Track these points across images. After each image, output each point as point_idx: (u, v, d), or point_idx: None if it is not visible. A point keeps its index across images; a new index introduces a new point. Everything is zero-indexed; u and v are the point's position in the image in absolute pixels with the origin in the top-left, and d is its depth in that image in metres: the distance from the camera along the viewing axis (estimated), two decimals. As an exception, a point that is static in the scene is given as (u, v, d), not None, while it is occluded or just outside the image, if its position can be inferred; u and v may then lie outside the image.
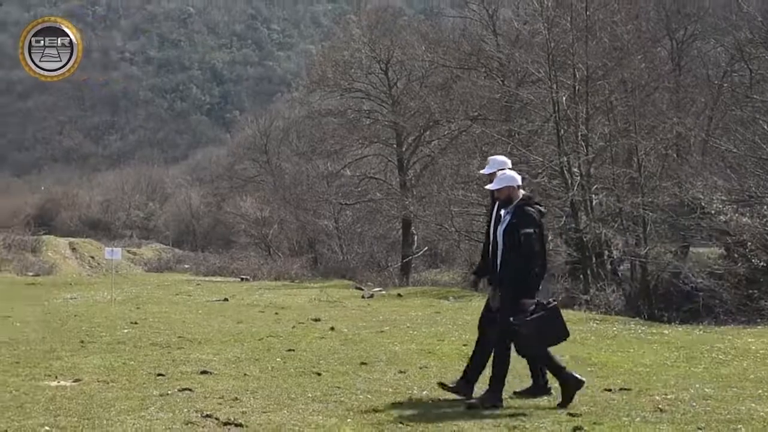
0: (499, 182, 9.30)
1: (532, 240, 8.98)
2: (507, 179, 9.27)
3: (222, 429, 7.93)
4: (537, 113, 34.73)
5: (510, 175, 9.31)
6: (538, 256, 9.15)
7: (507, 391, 9.28)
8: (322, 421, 8.26)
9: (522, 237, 8.95)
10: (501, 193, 9.31)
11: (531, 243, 8.98)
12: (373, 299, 26.92)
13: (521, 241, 8.96)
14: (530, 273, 9.07)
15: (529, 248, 8.98)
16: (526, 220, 9.02)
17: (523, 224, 9.00)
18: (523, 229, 8.97)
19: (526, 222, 9.01)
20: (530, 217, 9.06)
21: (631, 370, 11.54)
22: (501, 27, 41.30)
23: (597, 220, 29.70)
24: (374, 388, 10.10)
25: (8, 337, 15.04)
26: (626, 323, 18.67)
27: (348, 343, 14.47)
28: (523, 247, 8.96)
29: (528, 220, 9.02)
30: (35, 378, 10.72)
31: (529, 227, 8.99)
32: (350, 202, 48.47)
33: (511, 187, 9.26)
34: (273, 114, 71.59)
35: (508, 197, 9.26)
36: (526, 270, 9.05)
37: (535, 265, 9.10)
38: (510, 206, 9.22)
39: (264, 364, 11.83)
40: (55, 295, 28.20)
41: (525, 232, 8.95)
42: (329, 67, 48.75)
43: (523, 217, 9.04)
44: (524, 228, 8.97)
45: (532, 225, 9.02)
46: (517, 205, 9.16)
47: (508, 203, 9.25)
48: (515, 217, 9.09)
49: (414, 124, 45.31)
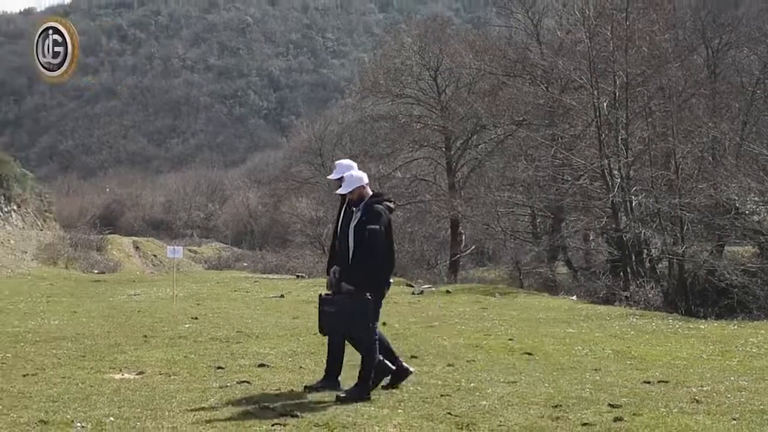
0: (349, 185, 9.33)
1: (378, 235, 9.12)
2: (355, 180, 9.34)
3: (278, 420, 7.91)
4: (579, 118, 34.75)
5: (357, 175, 9.38)
6: (384, 252, 9.25)
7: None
8: (374, 411, 8.26)
9: (368, 233, 9.08)
10: (353, 194, 9.34)
11: (376, 238, 9.10)
12: (423, 296, 26.77)
13: (367, 236, 9.10)
14: (377, 267, 9.16)
15: (374, 243, 9.09)
16: (375, 217, 9.16)
17: (371, 221, 9.14)
18: (370, 226, 9.11)
19: (374, 219, 9.15)
20: (379, 215, 9.20)
21: (668, 363, 11.69)
22: (545, 36, 41.34)
23: (636, 220, 29.78)
24: (424, 380, 10.05)
25: (75, 332, 15.06)
26: (664, 318, 18.77)
27: (399, 338, 14.25)
28: (369, 241, 9.08)
29: (376, 217, 9.17)
30: (100, 371, 10.79)
31: (377, 224, 9.13)
32: (401, 203, 47.78)
33: (360, 186, 9.32)
34: (327, 119, 71.19)
35: (360, 196, 9.33)
36: (374, 264, 9.13)
37: (381, 259, 9.19)
38: (361, 204, 9.33)
39: (319, 357, 11.55)
40: (119, 292, 27.81)
41: (371, 228, 9.09)
42: (381, 74, 48.81)
43: (372, 215, 9.18)
44: (372, 224, 9.11)
45: (380, 222, 9.17)
46: (366, 203, 9.29)
47: (360, 201, 9.33)
48: (364, 215, 9.21)
49: (462, 129, 45.27)
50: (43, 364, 11.19)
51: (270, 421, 7.84)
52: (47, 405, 8.45)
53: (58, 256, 47.10)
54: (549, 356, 12.31)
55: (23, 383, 9.76)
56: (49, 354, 12.21)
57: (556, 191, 33.74)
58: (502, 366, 11.27)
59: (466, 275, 43.31)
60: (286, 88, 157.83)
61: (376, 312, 9.22)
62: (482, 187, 40.46)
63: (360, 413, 8.13)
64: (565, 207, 35.25)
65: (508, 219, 38.39)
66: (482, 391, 9.38)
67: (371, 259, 9.09)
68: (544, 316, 18.78)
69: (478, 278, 41.39)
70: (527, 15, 41.99)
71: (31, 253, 45.35)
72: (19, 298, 23.93)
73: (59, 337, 14.20)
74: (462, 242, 45.36)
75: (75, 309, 20.33)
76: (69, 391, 9.23)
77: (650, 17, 32.07)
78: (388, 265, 9.40)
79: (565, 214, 36.35)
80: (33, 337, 14.19)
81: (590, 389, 9.49)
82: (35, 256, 45.21)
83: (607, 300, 26.32)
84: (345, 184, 9.33)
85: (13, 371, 10.63)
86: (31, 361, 11.54)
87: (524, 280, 34.56)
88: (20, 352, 12.44)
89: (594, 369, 11.07)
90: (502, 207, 36.97)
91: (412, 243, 49.33)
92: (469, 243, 45.71)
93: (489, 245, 45.04)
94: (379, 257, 9.15)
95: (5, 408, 8.30)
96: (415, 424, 7.76)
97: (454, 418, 7.92)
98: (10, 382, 9.85)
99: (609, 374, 10.65)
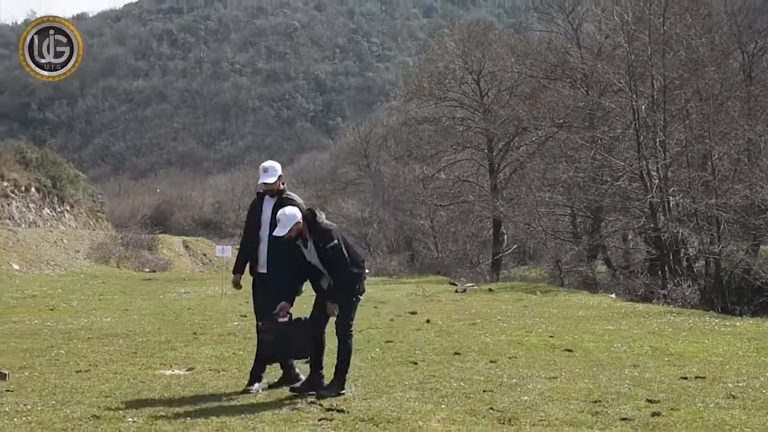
0: (285, 226, 8.71)
1: (339, 247, 8.73)
2: (290, 218, 8.74)
3: (325, 414, 7.87)
4: (618, 121, 34.77)
5: (291, 213, 8.78)
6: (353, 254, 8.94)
7: None
8: (418, 407, 8.21)
9: (331, 252, 8.73)
10: (291, 233, 8.73)
11: (342, 250, 8.74)
12: (466, 294, 26.46)
13: (334, 255, 8.76)
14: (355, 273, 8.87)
15: (342, 255, 8.74)
16: (326, 234, 8.75)
17: (327, 240, 8.72)
18: (329, 245, 8.71)
19: (327, 236, 8.74)
20: (327, 230, 8.80)
21: (705, 360, 11.63)
22: (584, 40, 41.30)
23: (674, 220, 29.80)
24: (467, 376, 10.03)
25: (126, 329, 15.07)
26: (701, 316, 18.62)
27: (442, 335, 14.40)
28: (337, 257, 8.73)
29: (328, 234, 8.76)
30: (151, 367, 10.80)
31: (332, 239, 8.73)
32: (444, 203, 48.26)
33: (296, 223, 8.75)
34: (372, 121, 71.07)
35: (299, 233, 8.81)
36: (351, 271, 8.83)
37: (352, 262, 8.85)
38: (308, 238, 8.83)
39: (364, 354, 11.64)
40: (169, 290, 27.83)
41: (332, 246, 8.71)
42: (425, 77, 48.94)
43: (323, 234, 8.76)
44: (329, 242, 8.70)
45: (333, 235, 8.77)
46: (311, 231, 8.79)
47: (298, 236, 8.82)
48: (318, 240, 8.78)
49: (504, 131, 45.34)
50: (95, 361, 11.27)
51: (317, 416, 7.85)
52: (100, 400, 8.51)
53: (110, 255, 47.09)
54: (589, 353, 12.28)
55: (76, 379, 9.79)
56: (101, 350, 12.32)
57: (596, 192, 33.74)
58: (543, 362, 11.27)
59: (507, 274, 43.45)
60: (333, 92, 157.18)
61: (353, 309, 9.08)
62: (524, 187, 40.66)
63: (404, 408, 8.13)
64: (604, 207, 35.21)
65: (548, 219, 38.44)
66: (524, 386, 9.36)
67: (348, 269, 8.81)
68: (583, 314, 18.74)
69: (520, 277, 41.55)
70: (567, 20, 42.02)
71: (84, 252, 45.30)
72: (72, 296, 24.05)
73: (111, 334, 14.33)
74: (504, 241, 45.58)
75: (127, 307, 20.53)
76: (121, 387, 9.30)
77: (687, 22, 32.06)
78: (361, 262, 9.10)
79: (605, 214, 36.28)
80: (86, 334, 14.29)
81: (629, 385, 9.47)
82: (88, 255, 45.11)
83: (645, 298, 26.24)
84: (280, 225, 8.72)
85: (66, 367, 10.67)
86: (84, 357, 11.61)
87: (564, 278, 34.61)
88: (73, 348, 12.49)
89: (632, 365, 11.05)
90: (543, 207, 37.10)
91: (456, 242, 49.49)
92: (511, 242, 45.97)
93: (530, 244, 44.91)
94: (352, 263, 8.85)
95: (59, 403, 8.34)
96: (458, 418, 7.74)
97: (496, 413, 7.92)
98: (64, 378, 9.86)
99: (647, 370, 10.61)
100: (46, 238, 43.20)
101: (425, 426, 7.45)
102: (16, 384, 9.36)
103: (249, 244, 9.65)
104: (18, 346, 12.59)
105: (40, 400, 8.46)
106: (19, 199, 48.19)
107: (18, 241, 38.89)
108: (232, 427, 7.39)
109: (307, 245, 8.86)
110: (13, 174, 48.14)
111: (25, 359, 11.27)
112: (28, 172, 50.57)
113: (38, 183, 51.34)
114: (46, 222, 50.19)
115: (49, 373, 10.11)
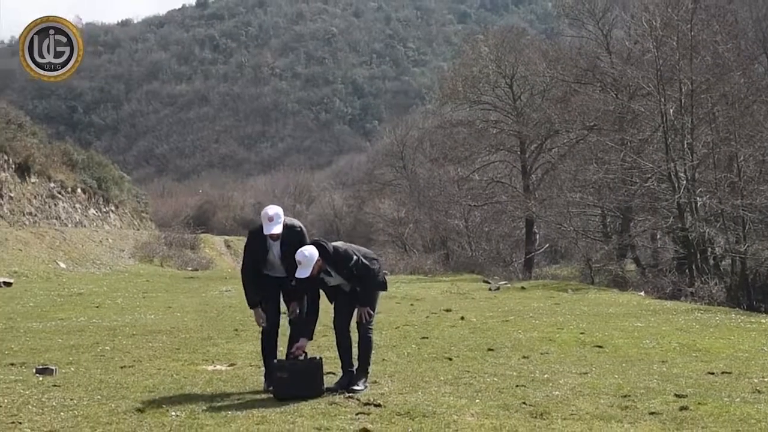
0: (306, 267, 8.59)
1: (360, 262, 8.78)
2: (309, 260, 8.59)
3: (363, 409, 7.88)
4: (647, 123, 34.66)
5: (309, 253, 8.61)
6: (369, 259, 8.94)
7: None
8: (452, 401, 8.24)
9: (356, 269, 8.76)
10: (313, 272, 8.63)
11: (365, 266, 8.81)
12: (499, 291, 26.48)
13: (359, 272, 8.76)
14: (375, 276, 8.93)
15: (367, 269, 8.82)
16: (345, 258, 8.76)
17: (347, 261, 8.75)
18: (350, 264, 8.74)
19: (347, 259, 8.75)
20: (346, 253, 8.81)
21: (731, 356, 11.63)
22: (614, 46, 41.17)
23: (701, 220, 29.76)
24: (500, 371, 10.06)
25: (170, 326, 15.14)
26: (727, 313, 18.54)
27: (476, 331, 14.41)
28: (362, 269, 8.76)
29: (346, 257, 8.77)
30: (194, 362, 10.87)
31: (353, 257, 8.77)
32: (478, 203, 48.22)
33: (316, 263, 8.62)
34: (408, 124, 71.00)
35: (320, 269, 8.74)
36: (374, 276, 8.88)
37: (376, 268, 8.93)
38: (326, 268, 8.80)
39: (401, 350, 11.79)
40: (211, 288, 27.61)
41: (355, 263, 8.75)
42: (459, 81, 49.06)
43: (343, 259, 8.76)
44: (349, 262, 8.75)
45: (351, 255, 8.79)
46: (331, 262, 8.75)
47: (320, 271, 8.77)
48: (342, 267, 8.80)
49: (536, 134, 45.44)
50: (139, 356, 11.38)
51: (354, 410, 7.88)
52: (144, 395, 8.58)
53: (153, 254, 47.22)
54: (618, 349, 12.31)
55: (121, 374, 9.88)
56: (145, 347, 12.41)
57: (625, 193, 33.73)
58: (573, 358, 11.35)
59: (539, 272, 43.27)
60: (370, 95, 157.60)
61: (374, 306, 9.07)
62: (555, 188, 40.65)
63: (440, 403, 8.16)
64: (633, 207, 35.17)
65: (579, 219, 38.50)
66: (555, 381, 9.39)
67: (373, 274, 8.87)
68: (613, 311, 18.73)
69: (551, 275, 41.38)
70: (597, 26, 42.01)
71: (128, 251, 45.39)
72: (117, 293, 24.10)
73: (155, 331, 14.41)
74: (536, 241, 45.71)
75: (170, 304, 20.64)
76: (164, 382, 9.35)
77: (713, 28, 32.00)
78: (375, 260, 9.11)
79: (634, 214, 36.22)
80: (130, 331, 14.40)
81: (657, 380, 9.50)
82: (132, 254, 45.24)
83: (673, 295, 26.26)
84: (302, 267, 8.57)
85: (111, 363, 10.77)
86: (128, 353, 11.71)
87: (595, 276, 34.56)
88: (118, 344, 12.61)
89: (661, 361, 11.10)
90: (574, 207, 37.16)
91: (489, 242, 49.33)
92: (543, 242, 46.05)
93: (562, 244, 44.78)
94: (372, 267, 8.90)
95: (104, 398, 8.43)
96: (492, 413, 7.78)
97: (528, 408, 7.96)
98: (109, 373, 9.96)
99: (675, 366, 10.67)
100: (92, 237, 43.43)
101: (459, 420, 7.49)
102: (63, 379, 9.48)
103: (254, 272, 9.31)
104: (65, 343, 12.73)
105: (86, 394, 8.60)
106: (66, 200, 48.30)
107: (65, 240, 39.02)
108: (272, 421, 7.45)
109: (330, 273, 8.86)
110: (60, 175, 48.31)
111: (72, 355, 11.43)
112: (74, 174, 50.64)
113: (84, 184, 51.48)
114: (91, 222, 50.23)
115: (95, 369, 10.27)
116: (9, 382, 9.22)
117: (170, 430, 7.09)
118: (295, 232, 9.06)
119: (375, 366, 10.14)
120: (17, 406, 7.94)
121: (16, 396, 8.45)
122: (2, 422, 7.28)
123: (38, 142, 48.90)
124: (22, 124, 48.95)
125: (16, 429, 7.06)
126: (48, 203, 46.26)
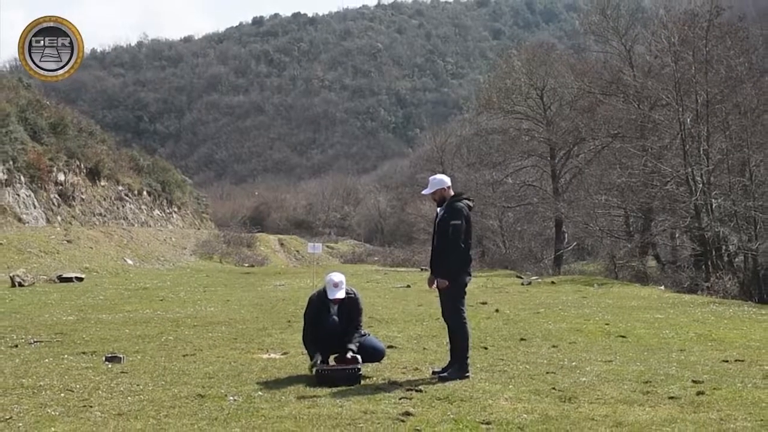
0: (431, 186, 9.05)
1: (459, 229, 8.83)
2: (437, 182, 9.06)
3: (406, 394, 7.86)
4: (666, 132, 34.49)
5: (440, 178, 9.12)
6: (464, 242, 8.93)
7: None
8: (488, 387, 8.24)
9: (450, 228, 8.80)
10: (435, 195, 9.07)
11: (458, 232, 8.82)
12: (531, 286, 26.54)
13: (450, 231, 8.81)
14: (457, 257, 8.88)
15: (456, 236, 8.82)
16: (455, 214, 8.86)
17: (452, 217, 8.85)
18: (452, 221, 8.82)
19: (455, 215, 8.85)
20: (459, 212, 8.88)
21: (744, 345, 11.56)
22: (636, 60, 41.02)
23: (716, 220, 29.71)
24: (531, 359, 10.07)
25: (228, 318, 15.24)
26: (740, 306, 18.53)
27: (510, 323, 14.41)
28: (452, 235, 8.81)
29: (456, 214, 8.86)
30: (250, 351, 10.87)
31: (458, 219, 8.84)
32: (511, 205, 48.48)
33: (441, 188, 9.03)
34: (447, 132, 71.33)
35: (442, 197, 9.05)
36: (455, 251, 8.86)
37: (461, 247, 8.89)
38: (444, 204, 9.04)
39: (440, 340, 11.49)
40: (266, 283, 28.03)
41: (453, 224, 8.81)
42: (494, 93, 49.42)
43: (453, 212, 8.87)
44: (453, 220, 8.82)
45: (460, 217, 8.86)
46: (448, 203, 9.00)
47: (443, 202, 9.05)
48: (446, 212, 8.92)
49: (564, 141, 45.44)
50: (200, 346, 11.42)
51: (398, 394, 7.88)
52: (204, 381, 8.62)
53: (213, 252, 47.98)
54: (640, 339, 12.25)
55: (183, 362, 9.94)
56: (205, 337, 12.47)
57: (647, 195, 33.73)
58: (599, 347, 11.30)
59: (568, 268, 43.42)
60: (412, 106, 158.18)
61: (460, 296, 9.05)
62: (582, 191, 40.76)
63: (476, 388, 8.15)
64: (654, 209, 35.21)
65: (604, 219, 38.38)
66: (582, 368, 9.37)
67: (453, 251, 8.86)
68: (636, 304, 18.67)
69: (579, 271, 41.53)
70: (620, 42, 41.88)
71: (190, 249, 46.27)
72: (179, 288, 24.46)
73: (214, 322, 14.50)
74: (565, 239, 45.77)
75: (228, 298, 20.76)
76: (223, 369, 9.36)
77: (727, 44, 31.88)
78: (466, 254, 9.03)
79: (654, 214, 36.23)
80: (191, 322, 14.49)
81: (676, 367, 9.47)
82: (193, 252, 46.08)
83: (690, 290, 26.22)
84: (429, 185, 9.08)
85: (174, 352, 10.87)
86: (189, 342, 11.77)
87: (619, 272, 34.28)
88: (180, 335, 12.69)
89: (679, 350, 11.06)
90: (600, 209, 37.13)
91: (522, 240, 49.33)
92: (571, 240, 45.97)
93: (588, 242, 44.91)
94: (460, 249, 8.89)
95: (168, 383, 8.49)
96: (524, 397, 7.77)
97: (557, 393, 7.95)
98: (172, 361, 10.04)
99: (692, 354, 10.64)
100: (157, 236, 44.30)
101: (494, 404, 7.49)
102: (130, 366, 9.64)
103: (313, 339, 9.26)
104: (131, 333, 12.91)
105: (151, 380, 8.69)
106: (133, 202, 48.96)
107: (131, 239, 39.80)
108: (323, 405, 7.45)
109: (440, 213, 9.08)
110: (128, 179, 48.94)
111: (138, 344, 11.60)
112: (140, 178, 51.27)
113: (149, 187, 52.09)
114: (156, 222, 51.21)
115: (159, 357, 10.40)
116: (81, 369, 9.39)
117: (228, 413, 7.13)
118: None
119: (416, 354, 10.54)
120: (88, 391, 8.08)
121: (87, 382, 8.60)
122: (75, 406, 7.40)
123: (107, 149, 49.57)
124: (93, 132, 49.67)
125: (88, 412, 7.16)
126: (116, 205, 46.79)
